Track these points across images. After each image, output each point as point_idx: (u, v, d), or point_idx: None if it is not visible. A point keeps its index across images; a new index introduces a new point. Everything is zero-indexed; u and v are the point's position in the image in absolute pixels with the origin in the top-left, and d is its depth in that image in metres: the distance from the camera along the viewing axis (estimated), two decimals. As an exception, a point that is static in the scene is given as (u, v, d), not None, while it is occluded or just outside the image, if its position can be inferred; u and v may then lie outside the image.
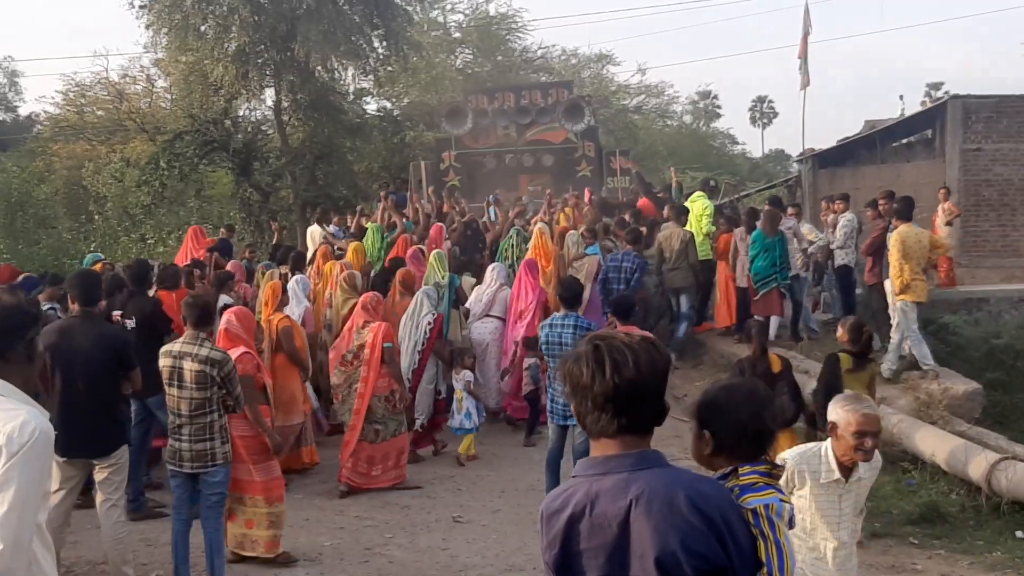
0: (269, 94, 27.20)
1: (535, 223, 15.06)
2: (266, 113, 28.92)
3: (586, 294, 12.18)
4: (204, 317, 7.18)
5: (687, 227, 14.98)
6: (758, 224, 14.01)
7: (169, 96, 32.43)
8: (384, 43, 26.33)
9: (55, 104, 37.01)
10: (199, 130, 26.12)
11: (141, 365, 7.60)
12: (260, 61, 25.02)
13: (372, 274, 13.21)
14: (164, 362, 7.06)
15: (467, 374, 11.15)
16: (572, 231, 14.48)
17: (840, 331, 8.76)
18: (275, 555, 7.83)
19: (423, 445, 11.33)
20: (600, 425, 2.75)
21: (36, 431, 3.11)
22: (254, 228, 26.10)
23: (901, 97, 51.07)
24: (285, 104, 26.37)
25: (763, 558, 2.83)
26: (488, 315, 12.71)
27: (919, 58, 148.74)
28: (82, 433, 7.03)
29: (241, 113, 28.77)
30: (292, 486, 10.13)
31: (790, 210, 16.03)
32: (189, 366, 6.92)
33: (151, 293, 10.42)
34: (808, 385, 9.77)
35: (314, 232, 17.45)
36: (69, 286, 8.10)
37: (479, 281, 13.28)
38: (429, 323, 11.08)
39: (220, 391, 6.99)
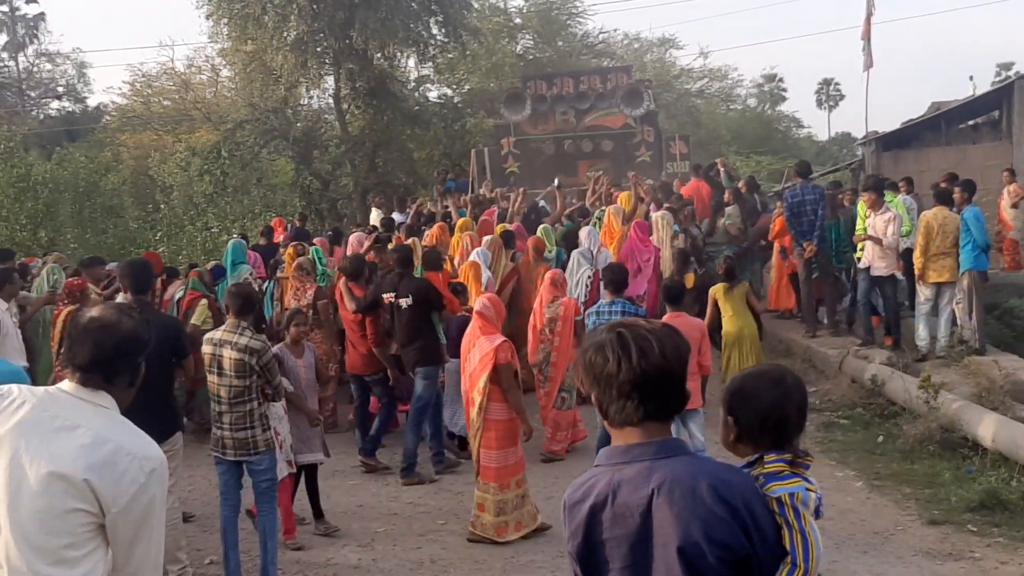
0: (328, 82, 27.40)
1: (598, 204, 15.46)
2: (326, 101, 29.13)
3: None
4: (246, 306, 7.25)
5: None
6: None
7: (233, 86, 32.77)
8: (443, 30, 26.35)
9: (122, 95, 37.67)
10: (259, 119, 26.37)
11: (420, 339, 9.14)
12: (319, 49, 25.19)
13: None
14: (205, 349, 7.15)
15: None
16: (663, 211, 14.33)
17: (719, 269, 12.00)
18: (504, 540, 7.99)
19: None
20: (625, 413, 2.73)
21: (160, 455, 3.17)
22: (314, 215, 26.27)
23: (971, 78, 50.08)
24: (344, 92, 26.51)
25: (787, 547, 2.80)
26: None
27: (990, 38, 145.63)
28: (138, 422, 7.11)
29: (302, 102, 28.99)
30: (349, 472, 10.28)
31: (847, 194, 15.81)
32: (228, 354, 7.00)
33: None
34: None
35: (374, 218, 17.68)
36: (120, 275, 8.21)
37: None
38: (588, 276, 12.04)
39: (259, 380, 7.08)
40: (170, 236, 27.43)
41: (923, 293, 12.70)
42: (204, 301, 11.45)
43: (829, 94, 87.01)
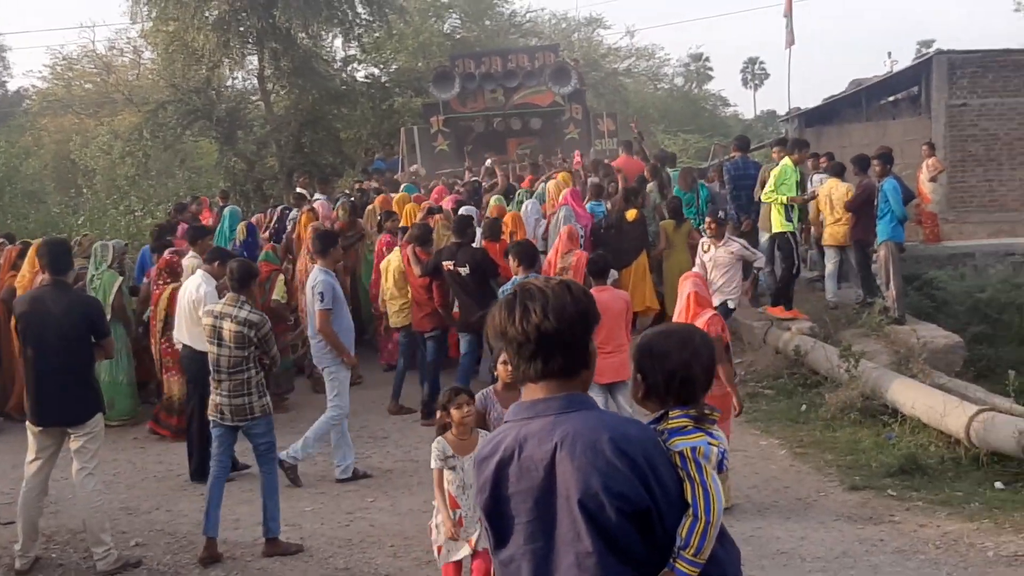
0: (252, 62, 27.12)
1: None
2: (251, 81, 28.81)
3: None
4: (245, 281, 7.64)
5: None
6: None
7: (155, 67, 32.30)
8: (368, 9, 26.18)
9: (43, 78, 36.99)
10: (182, 99, 25.97)
11: (476, 304, 9.53)
12: (242, 29, 24.92)
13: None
14: (206, 321, 7.56)
15: None
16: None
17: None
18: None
19: None
20: (522, 370, 2.78)
21: None
22: (240, 196, 25.98)
23: (889, 55, 50.83)
24: (268, 72, 26.25)
25: (689, 500, 2.83)
26: None
27: (907, 15, 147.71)
28: (56, 402, 7.05)
29: (226, 83, 28.65)
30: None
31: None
32: (228, 326, 7.36)
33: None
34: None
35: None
36: (39, 255, 8.08)
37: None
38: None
39: (256, 351, 7.45)
40: (93, 220, 26.84)
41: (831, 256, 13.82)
42: (281, 276, 11.79)
43: (754, 73, 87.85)
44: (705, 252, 11.65)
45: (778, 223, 12.82)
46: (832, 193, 13.51)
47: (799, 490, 8.43)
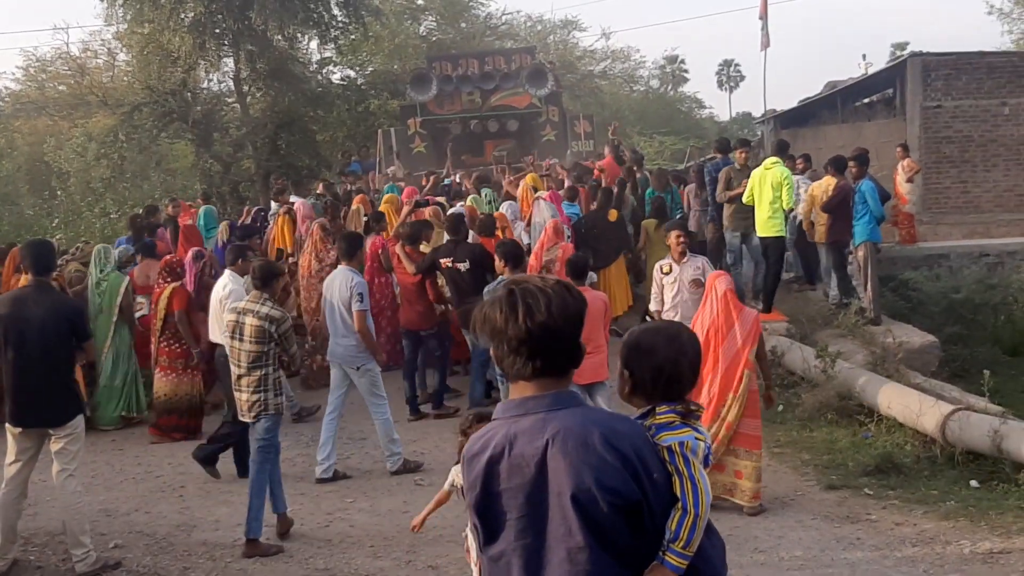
0: (228, 64, 27.01)
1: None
2: (226, 83, 28.71)
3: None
4: (268, 280, 7.85)
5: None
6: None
7: (130, 69, 32.11)
8: (344, 11, 26.14)
9: (15, 80, 36.67)
10: (157, 101, 25.79)
11: (479, 298, 8.59)
12: (217, 31, 24.78)
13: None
14: (229, 317, 7.82)
15: None
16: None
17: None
18: (754, 508, 7.90)
19: None
20: (516, 368, 2.79)
21: None
22: (216, 198, 25.90)
23: (864, 57, 51.38)
24: (244, 74, 26.15)
25: (678, 493, 2.87)
26: None
27: (882, 18, 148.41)
28: (36, 403, 7.01)
29: (202, 85, 28.53)
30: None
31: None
32: (250, 321, 7.60)
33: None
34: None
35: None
36: (21, 256, 8.06)
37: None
38: None
39: (276, 347, 7.69)
40: (67, 223, 26.74)
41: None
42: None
43: (730, 75, 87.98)
44: (666, 274, 10.23)
45: (776, 227, 12.87)
46: (829, 191, 13.43)
47: (776, 489, 8.48)
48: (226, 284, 9.58)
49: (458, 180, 18.89)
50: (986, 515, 7.61)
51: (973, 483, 8.39)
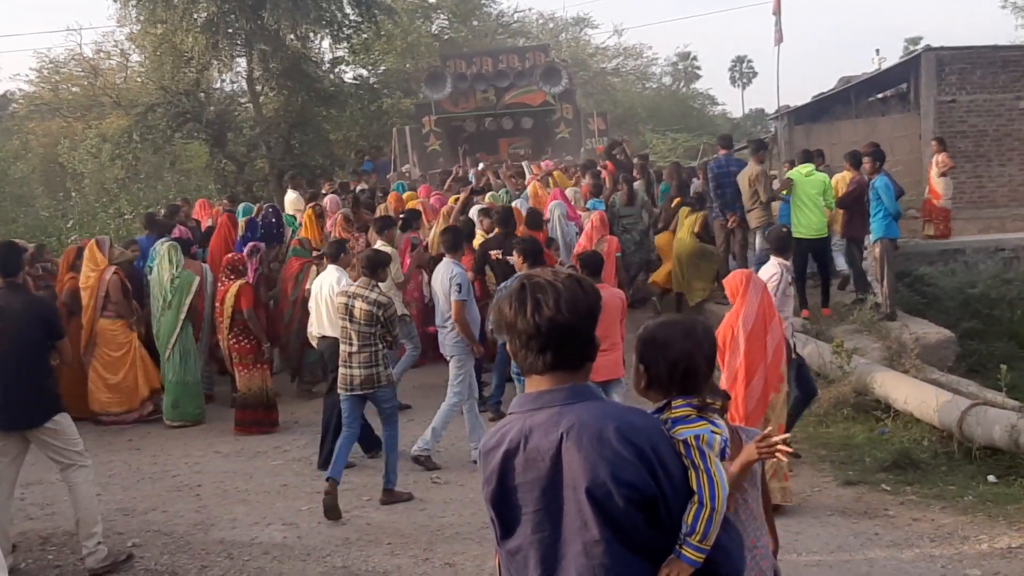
0: (241, 64, 27.11)
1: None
2: (239, 83, 28.81)
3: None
4: (375, 268, 8.64)
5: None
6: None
7: (143, 70, 32.22)
8: (356, 10, 26.20)
9: (29, 82, 36.81)
10: (171, 102, 25.87)
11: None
12: (230, 31, 24.89)
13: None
14: (340, 300, 8.60)
15: None
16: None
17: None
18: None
19: None
20: (529, 362, 2.79)
21: None
22: (230, 199, 25.95)
23: (877, 51, 51.11)
24: (257, 73, 26.23)
25: (695, 487, 2.85)
26: None
27: (895, 12, 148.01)
28: (16, 405, 6.96)
29: (215, 84, 28.63)
30: (272, 452, 10.22)
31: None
32: (360, 305, 8.37)
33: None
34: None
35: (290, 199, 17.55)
36: None
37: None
38: None
39: (382, 329, 8.41)
40: (82, 224, 26.84)
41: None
42: (314, 267, 11.97)
43: (742, 71, 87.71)
44: None
45: (824, 230, 13.10)
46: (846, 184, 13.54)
47: (793, 486, 8.43)
48: (339, 279, 9.87)
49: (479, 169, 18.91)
50: (1004, 510, 7.57)
51: (991, 478, 8.35)
